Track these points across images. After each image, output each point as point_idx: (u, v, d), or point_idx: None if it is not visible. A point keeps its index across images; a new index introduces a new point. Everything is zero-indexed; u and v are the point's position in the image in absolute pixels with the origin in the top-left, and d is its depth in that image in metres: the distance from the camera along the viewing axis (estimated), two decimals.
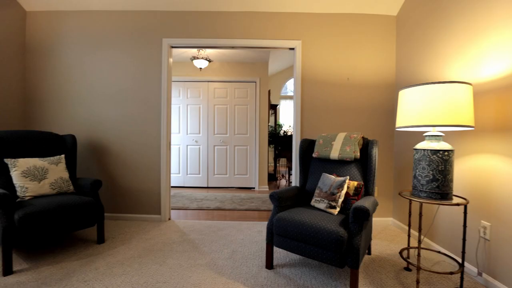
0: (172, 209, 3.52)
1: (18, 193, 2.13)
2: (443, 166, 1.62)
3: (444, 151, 1.63)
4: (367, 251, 2.25)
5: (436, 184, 1.63)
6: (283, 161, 8.14)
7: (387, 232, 2.81)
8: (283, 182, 5.94)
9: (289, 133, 6.65)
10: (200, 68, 4.29)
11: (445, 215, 2.20)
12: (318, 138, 2.45)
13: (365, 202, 1.71)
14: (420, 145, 1.73)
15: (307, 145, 2.51)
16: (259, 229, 2.82)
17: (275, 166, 6.41)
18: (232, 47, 3.12)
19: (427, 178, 1.66)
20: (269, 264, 1.97)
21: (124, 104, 3.05)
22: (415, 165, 1.76)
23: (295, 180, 3.10)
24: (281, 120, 8.54)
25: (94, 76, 3.06)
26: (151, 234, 2.62)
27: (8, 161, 2.18)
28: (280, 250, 2.32)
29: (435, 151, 1.64)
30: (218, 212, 3.46)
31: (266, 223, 3.04)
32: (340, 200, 1.92)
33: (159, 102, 3.03)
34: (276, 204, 2.00)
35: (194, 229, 2.79)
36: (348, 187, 2.00)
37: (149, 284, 1.75)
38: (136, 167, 3.04)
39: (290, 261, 2.11)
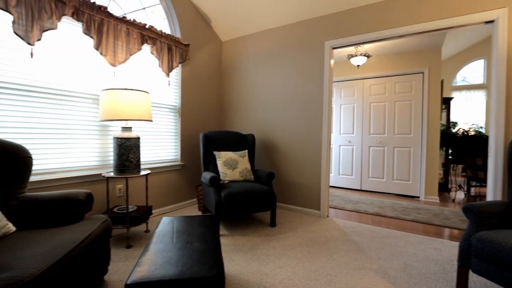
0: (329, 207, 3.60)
1: (221, 177, 2.86)
2: None
3: None
4: None
5: None
6: (458, 168, 6.46)
7: None
8: (460, 195, 4.70)
9: (470, 133, 5.17)
10: (358, 66, 4.13)
11: None
12: None
13: None
14: None
15: None
16: (435, 246, 2.37)
17: (447, 174, 5.17)
18: (400, 36, 2.79)
19: None
20: None
21: (289, 106, 3.42)
22: None
23: (492, 193, 2.37)
24: (452, 117, 6.81)
25: (267, 85, 3.63)
26: (313, 227, 2.79)
27: (215, 153, 2.97)
28: (479, 278, 1.84)
29: None
30: (377, 218, 3.20)
31: (443, 240, 2.51)
32: None
33: (320, 103, 3.17)
34: (475, 221, 1.60)
35: (355, 230, 2.72)
36: None
37: (320, 274, 1.86)
38: (298, 163, 3.34)
39: None
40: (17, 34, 1.88)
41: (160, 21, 3.19)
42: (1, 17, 1.90)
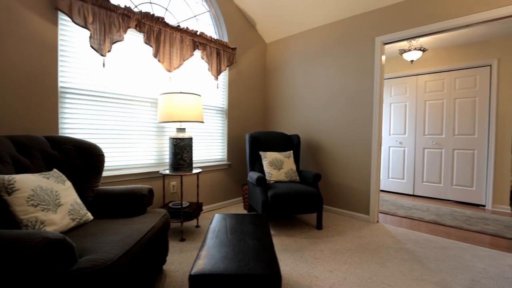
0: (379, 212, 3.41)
1: (266, 177, 2.89)
2: None
3: None
4: None
5: None
6: None
7: None
8: None
9: None
10: (412, 61, 3.83)
11: None
12: None
13: None
14: None
15: None
16: (510, 263, 2.08)
17: None
18: (465, 26, 2.52)
19: None
20: None
21: (335, 106, 3.32)
22: None
23: None
24: None
25: (312, 84, 3.57)
26: (362, 232, 2.67)
27: (261, 153, 3.02)
28: None
29: None
30: (433, 226, 2.93)
31: None
32: None
33: (370, 102, 3.02)
34: None
35: (409, 238, 2.53)
36: None
37: (373, 281, 1.77)
38: (346, 164, 3.22)
39: None
40: (92, 48, 2.14)
41: (206, 27, 3.34)
42: (77, 34, 2.19)
